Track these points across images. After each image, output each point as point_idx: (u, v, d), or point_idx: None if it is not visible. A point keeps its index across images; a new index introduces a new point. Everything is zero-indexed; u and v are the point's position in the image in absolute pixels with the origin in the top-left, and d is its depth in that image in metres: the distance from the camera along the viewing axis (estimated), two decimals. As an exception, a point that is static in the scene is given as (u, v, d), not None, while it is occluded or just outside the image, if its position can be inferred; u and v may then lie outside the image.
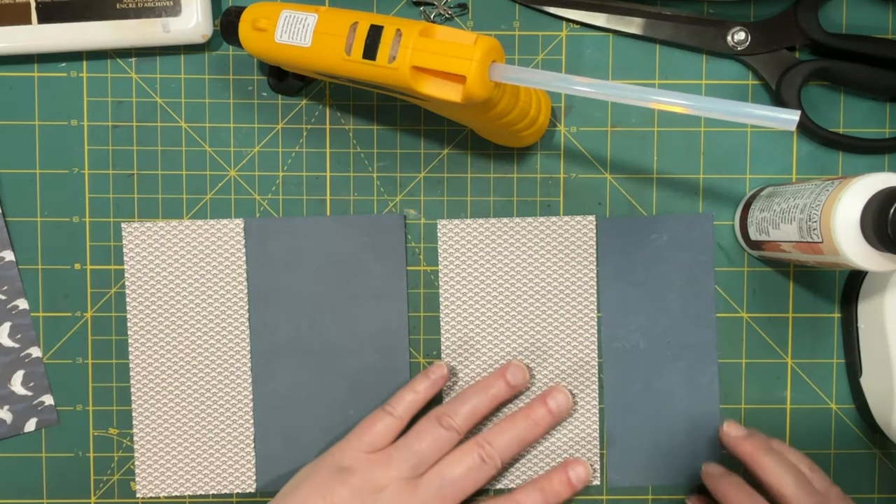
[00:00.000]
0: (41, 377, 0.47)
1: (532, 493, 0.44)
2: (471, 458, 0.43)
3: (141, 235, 0.47)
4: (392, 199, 0.48)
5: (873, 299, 0.45)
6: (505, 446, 0.43)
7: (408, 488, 0.42)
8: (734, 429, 0.45)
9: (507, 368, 0.45)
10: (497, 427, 0.44)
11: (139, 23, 0.45)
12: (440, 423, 0.43)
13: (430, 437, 0.43)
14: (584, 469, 0.45)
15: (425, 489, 0.42)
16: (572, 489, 0.44)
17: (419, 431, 0.43)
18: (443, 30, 0.37)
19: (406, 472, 0.42)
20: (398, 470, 0.42)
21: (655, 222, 0.47)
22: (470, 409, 0.44)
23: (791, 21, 0.46)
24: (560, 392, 0.45)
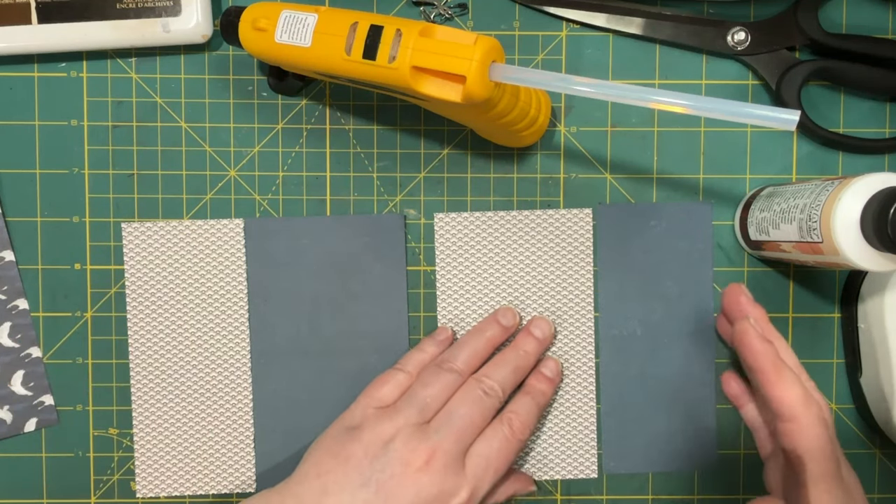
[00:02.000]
0: (41, 377, 0.47)
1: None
2: (474, 393, 0.42)
3: (141, 235, 0.47)
4: (392, 199, 0.48)
5: (873, 299, 0.45)
6: (503, 377, 0.44)
7: (417, 433, 0.41)
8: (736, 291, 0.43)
9: (497, 312, 0.46)
10: (490, 363, 0.44)
11: (139, 23, 0.45)
12: (441, 368, 0.43)
13: (434, 382, 0.43)
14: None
15: (435, 430, 0.41)
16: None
17: (422, 379, 0.43)
18: (443, 30, 0.37)
19: (414, 417, 0.42)
20: (406, 417, 0.42)
21: (654, 209, 0.47)
22: (469, 351, 0.44)
23: (791, 21, 0.46)
24: (541, 320, 0.46)
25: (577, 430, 0.47)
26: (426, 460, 0.40)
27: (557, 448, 0.47)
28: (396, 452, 0.40)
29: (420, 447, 0.40)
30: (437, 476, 0.40)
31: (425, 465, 0.40)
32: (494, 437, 0.42)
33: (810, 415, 0.37)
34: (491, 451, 0.42)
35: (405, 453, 0.40)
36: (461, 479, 0.41)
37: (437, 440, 0.41)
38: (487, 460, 0.41)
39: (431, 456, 0.40)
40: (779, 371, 0.38)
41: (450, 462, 0.40)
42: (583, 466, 0.47)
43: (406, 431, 0.41)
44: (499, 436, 0.42)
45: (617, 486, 0.48)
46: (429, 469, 0.40)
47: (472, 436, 0.42)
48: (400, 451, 0.40)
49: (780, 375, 0.38)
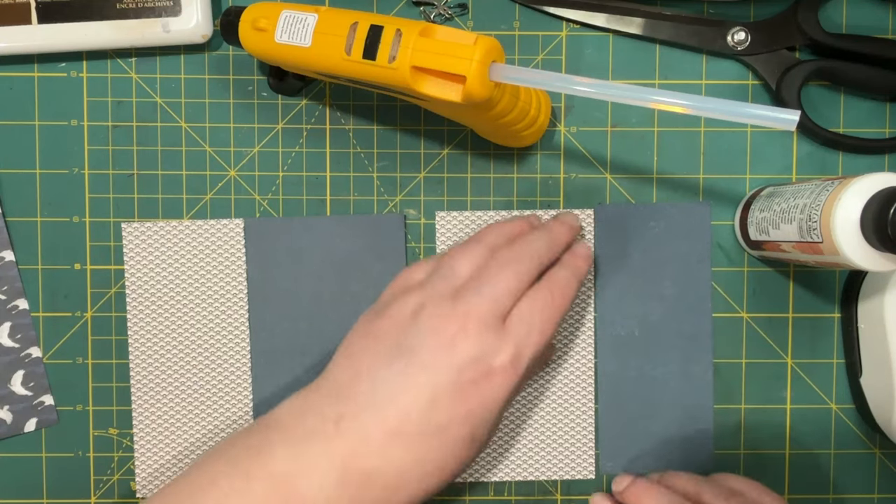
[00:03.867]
0: (41, 377, 0.47)
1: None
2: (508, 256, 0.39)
3: (141, 235, 0.47)
4: (392, 199, 0.48)
5: (873, 299, 0.45)
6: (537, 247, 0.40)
7: (447, 300, 0.37)
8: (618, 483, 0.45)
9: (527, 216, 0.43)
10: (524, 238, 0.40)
11: (139, 23, 0.45)
12: (470, 242, 0.40)
13: (463, 255, 0.39)
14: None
15: (466, 297, 0.37)
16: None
17: (449, 253, 0.40)
18: (443, 30, 0.37)
19: (443, 287, 0.38)
20: (434, 287, 0.38)
21: (653, 210, 0.47)
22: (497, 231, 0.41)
23: (791, 21, 0.46)
24: (569, 213, 0.44)
25: (576, 430, 0.47)
26: (460, 325, 0.36)
27: (556, 448, 0.47)
28: (427, 320, 0.37)
29: (453, 312, 0.37)
30: (474, 338, 0.36)
31: (460, 329, 0.36)
32: (535, 300, 0.38)
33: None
34: (532, 313, 0.38)
35: (437, 319, 0.37)
36: (501, 339, 0.37)
37: (469, 303, 0.37)
38: (530, 322, 0.37)
39: (465, 319, 0.36)
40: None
41: (486, 324, 0.37)
42: (580, 467, 0.47)
43: (435, 299, 0.38)
44: (539, 299, 0.38)
45: (617, 486, 0.48)
46: (464, 333, 0.36)
47: (510, 300, 0.38)
48: (431, 318, 0.37)
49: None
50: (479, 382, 0.36)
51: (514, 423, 0.47)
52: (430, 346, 0.36)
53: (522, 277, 0.38)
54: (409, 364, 0.36)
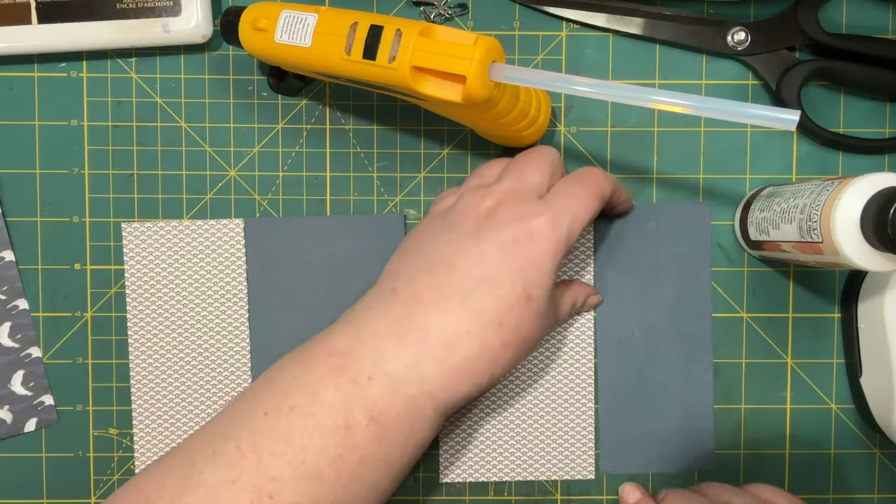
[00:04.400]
0: (41, 377, 0.47)
1: None
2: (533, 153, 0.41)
3: (141, 235, 0.47)
4: (392, 199, 0.48)
5: (873, 299, 0.45)
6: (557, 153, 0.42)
7: (483, 187, 0.39)
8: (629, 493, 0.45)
9: None
10: None
11: (139, 23, 0.45)
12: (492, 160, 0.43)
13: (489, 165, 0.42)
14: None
15: (499, 182, 0.39)
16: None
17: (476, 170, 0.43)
18: (443, 30, 0.37)
19: (477, 182, 0.41)
20: (469, 184, 0.41)
21: (652, 211, 0.47)
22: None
23: (791, 21, 0.46)
24: None
25: (576, 430, 0.47)
26: (497, 198, 0.38)
27: (556, 448, 0.47)
28: (464, 201, 0.39)
29: (489, 192, 0.39)
30: (510, 206, 0.38)
31: (496, 201, 0.38)
32: (569, 178, 0.40)
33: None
34: (567, 184, 0.39)
35: (474, 199, 0.38)
36: (538, 205, 0.38)
37: (504, 184, 0.39)
38: (565, 191, 0.39)
39: (501, 194, 0.38)
40: None
41: (523, 195, 0.38)
42: (580, 467, 0.47)
43: (472, 189, 0.40)
44: (573, 176, 0.40)
45: (617, 485, 0.48)
46: (501, 203, 0.38)
47: (543, 182, 0.39)
48: (468, 199, 0.39)
49: None
50: (522, 242, 0.37)
51: (515, 423, 0.48)
52: (471, 217, 0.38)
53: (551, 166, 0.40)
54: (454, 234, 0.38)
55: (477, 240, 0.37)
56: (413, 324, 0.36)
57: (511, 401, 0.47)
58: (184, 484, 0.35)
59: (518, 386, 0.47)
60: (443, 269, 0.37)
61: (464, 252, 0.37)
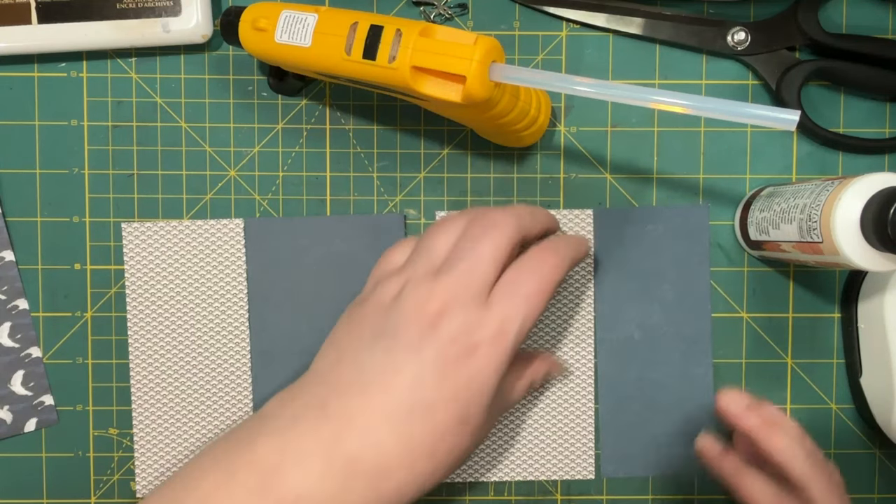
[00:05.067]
0: (41, 377, 0.47)
1: None
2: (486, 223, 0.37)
3: (141, 235, 0.47)
4: (392, 199, 0.48)
5: (873, 299, 0.45)
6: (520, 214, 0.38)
7: (426, 279, 0.36)
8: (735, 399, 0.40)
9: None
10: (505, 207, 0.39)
11: (139, 23, 0.45)
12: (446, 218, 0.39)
13: (440, 231, 0.38)
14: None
15: (446, 272, 0.36)
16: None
17: (427, 232, 0.39)
18: (443, 30, 0.37)
19: (423, 266, 0.37)
20: (414, 268, 0.37)
21: (652, 213, 0.47)
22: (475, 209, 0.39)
23: (791, 21, 0.46)
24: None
25: (576, 430, 0.47)
26: (441, 302, 0.35)
27: (556, 448, 0.47)
28: (407, 300, 0.36)
29: (433, 289, 0.36)
30: (455, 314, 0.35)
31: (441, 306, 0.35)
32: (521, 267, 0.37)
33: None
34: (518, 281, 0.36)
35: (417, 298, 0.36)
36: (485, 312, 0.35)
37: (449, 280, 0.36)
38: (514, 290, 0.36)
39: (445, 296, 0.35)
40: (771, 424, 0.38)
41: (468, 298, 0.35)
42: (580, 467, 0.47)
43: (416, 280, 0.36)
44: (527, 265, 0.37)
45: (617, 486, 0.48)
46: (445, 310, 0.35)
47: (493, 270, 0.36)
48: (411, 298, 0.36)
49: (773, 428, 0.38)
50: (463, 359, 0.35)
51: (514, 423, 0.48)
52: (412, 325, 0.35)
53: (502, 243, 0.37)
54: (392, 345, 0.35)
55: (417, 356, 0.35)
56: (342, 449, 0.34)
57: (511, 401, 0.47)
58: None
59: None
60: (377, 389, 0.35)
61: (401, 372, 0.35)
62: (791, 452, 0.38)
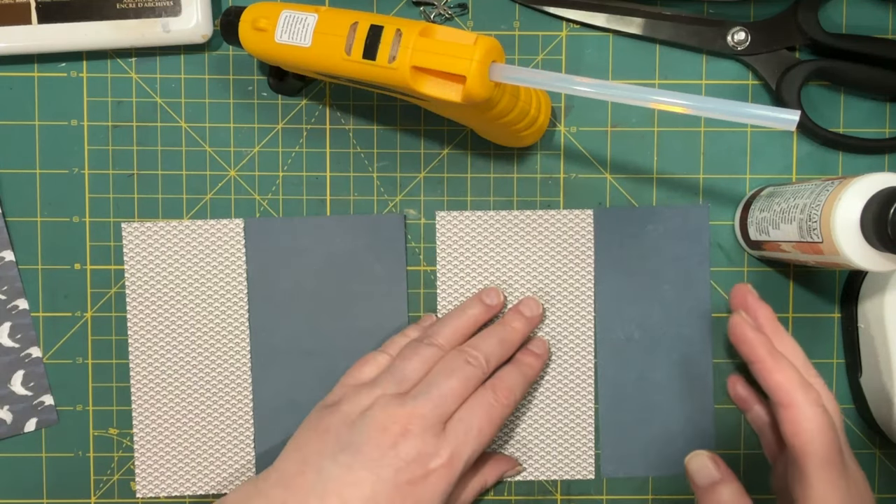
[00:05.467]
0: (41, 377, 0.47)
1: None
2: (456, 362, 0.42)
3: (141, 235, 0.47)
4: (392, 199, 0.48)
5: (873, 299, 0.45)
6: (487, 348, 0.43)
7: (395, 401, 0.40)
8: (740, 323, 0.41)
9: (482, 292, 0.46)
10: (476, 336, 0.44)
11: (139, 23, 0.45)
12: (422, 343, 0.43)
13: (414, 356, 0.42)
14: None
15: (413, 398, 0.40)
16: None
17: (402, 354, 0.43)
18: (443, 30, 0.37)
19: (392, 388, 0.41)
20: (384, 388, 0.41)
21: (652, 213, 0.47)
22: (452, 327, 0.44)
23: (791, 21, 0.46)
24: (531, 300, 0.46)
25: (576, 430, 0.47)
26: (404, 425, 0.39)
27: (556, 448, 0.47)
28: (374, 419, 0.40)
29: (398, 412, 0.40)
30: (415, 439, 0.39)
31: (403, 429, 0.39)
32: (476, 403, 0.41)
33: (809, 399, 0.37)
34: (472, 416, 0.41)
35: (382, 419, 0.39)
36: (440, 441, 0.40)
37: (414, 405, 0.40)
38: (468, 424, 0.40)
39: (409, 421, 0.39)
40: (774, 358, 0.38)
41: (428, 426, 0.40)
42: (580, 467, 0.47)
43: (383, 400, 0.40)
44: (481, 401, 0.41)
45: (617, 486, 0.48)
46: (406, 434, 0.39)
47: (454, 403, 0.41)
48: (377, 418, 0.40)
49: (776, 362, 0.38)
50: (416, 483, 0.39)
51: (514, 423, 0.47)
52: (374, 444, 0.39)
53: (468, 383, 0.41)
54: (354, 459, 0.39)
55: (375, 474, 0.39)
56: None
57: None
58: None
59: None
60: (335, 499, 0.38)
61: (359, 486, 0.38)
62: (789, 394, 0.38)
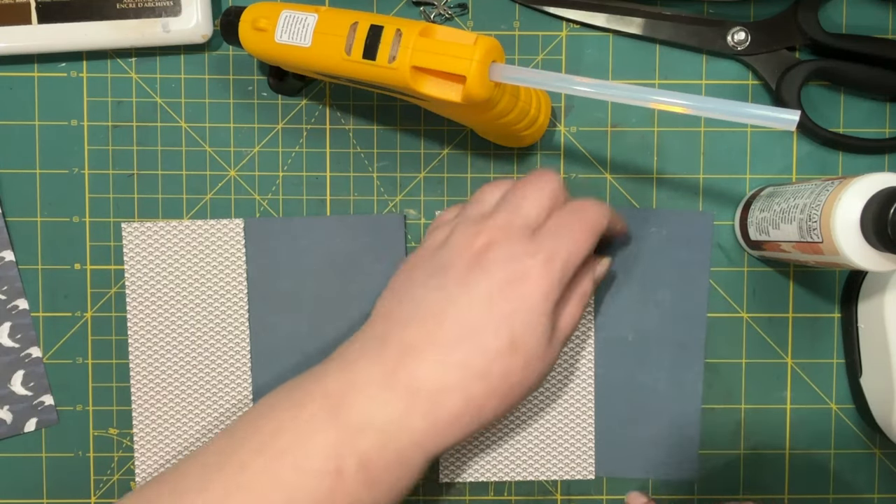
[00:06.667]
0: (41, 377, 0.47)
1: None
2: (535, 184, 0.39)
3: (141, 235, 0.47)
4: (392, 199, 0.48)
5: (873, 299, 0.45)
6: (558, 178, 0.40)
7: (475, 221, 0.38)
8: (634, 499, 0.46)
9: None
10: None
11: (139, 23, 0.45)
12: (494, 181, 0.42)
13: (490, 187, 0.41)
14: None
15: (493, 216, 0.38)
16: None
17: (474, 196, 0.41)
18: (443, 30, 0.37)
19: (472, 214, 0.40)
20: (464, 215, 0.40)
21: (656, 216, 0.47)
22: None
23: (791, 21, 0.46)
24: None
25: (576, 430, 0.47)
26: (489, 236, 0.37)
27: (556, 448, 0.47)
28: (456, 240, 0.38)
29: (480, 227, 0.38)
30: (503, 244, 0.37)
31: (488, 239, 0.37)
32: (564, 212, 0.39)
33: None
34: (562, 221, 0.38)
35: (466, 237, 0.38)
36: (531, 243, 0.37)
37: (495, 219, 0.38)
38: (559, 228, 0.38)
39: (493, 232, 0.37)
40: None
41: (514, 233, 0.37)
42: (580, 467, 0.47)
43: (463, 225, 0.39)
44: (570, 209, 0.39)
45: (617, 486, 0.48)
46: (492, 242, 0.37)
47: (537, 213, 0.38)
48: (460, 238, 0.38)
49: None
50: (512, 285, 0.36)
51: (515, 423, 0.48)
52: (462, 258, 0.37)
53: (546, 195, 0.39)
54: (444, 279, 0.37)
55: (466, 287, 0.37)
56: (403, 375, 0.36)
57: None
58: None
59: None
60: (432, 319, 0.37)
61: (453, 301, 0.37)
62: None
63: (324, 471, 0.35)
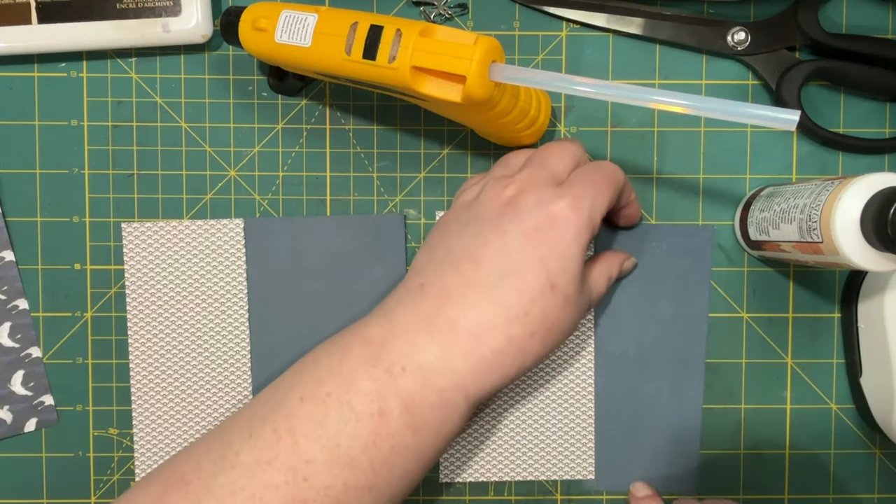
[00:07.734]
0: (41, 377, 0.47)
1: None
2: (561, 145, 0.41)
3: (141, 235, 0.47)
4: (392, 199, 0.48)
5: (873, 299, 0.45)
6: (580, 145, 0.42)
7: (504, 177, 0.40)
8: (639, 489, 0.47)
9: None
10: None
11: (139, 23, 0.45)
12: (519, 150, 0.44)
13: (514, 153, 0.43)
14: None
15: (519, 172, 0.40)
16: None
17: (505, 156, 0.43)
18: (443, 30, 0.37)
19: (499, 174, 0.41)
20: (491, 175, 0.41)
21: (655, 231, 0.47)
22: None
23: (791, 21, 0.46)
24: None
25: (576, 430, 0.47)
26: (517, 187, 0.39)
27: (556, 448, 0.47)
28: (487, 193, 0.40)
29: (511, 180, 0.39)
30: (532, 192, 0.38)
31: (517, 189, 0.39)
32: (588, 167, 0.40)
33: None
34: (586, 173, 0.40)
35: (496, 190, 0.39)
36: (558, 190, 0.38)
37: (524, 172, 0.39)
38: (583, 179, 0.39)
39: (521, 183, 0.39)
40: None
41: (541, 182, 0.39)
42: (580, 467, 0.47)
43: (493, 180, 0.40)
44: (590, 166, 0.41)
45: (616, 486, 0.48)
46: (521, 191, 0.39)
47: (562, 168, 0.40)
48: (490, 191, 0.39)
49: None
50: (544, 228, 0.37)
51: (515, 423, 0.48)
52: (494, 208, 0.39)
53: (570, 156, 0.41)
54: (478, 227, 0.39)
55: (501, 231, 0.38)
56: (442, 318, 0.37)
57: (511, 401, 0.47)
58: (220, 464, 0.36)
59: (518, 386, 0.47)
60: (469, 263, 0.38)
61: (488, 245, 0.38)
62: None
63: (367, 413, 0.36)
